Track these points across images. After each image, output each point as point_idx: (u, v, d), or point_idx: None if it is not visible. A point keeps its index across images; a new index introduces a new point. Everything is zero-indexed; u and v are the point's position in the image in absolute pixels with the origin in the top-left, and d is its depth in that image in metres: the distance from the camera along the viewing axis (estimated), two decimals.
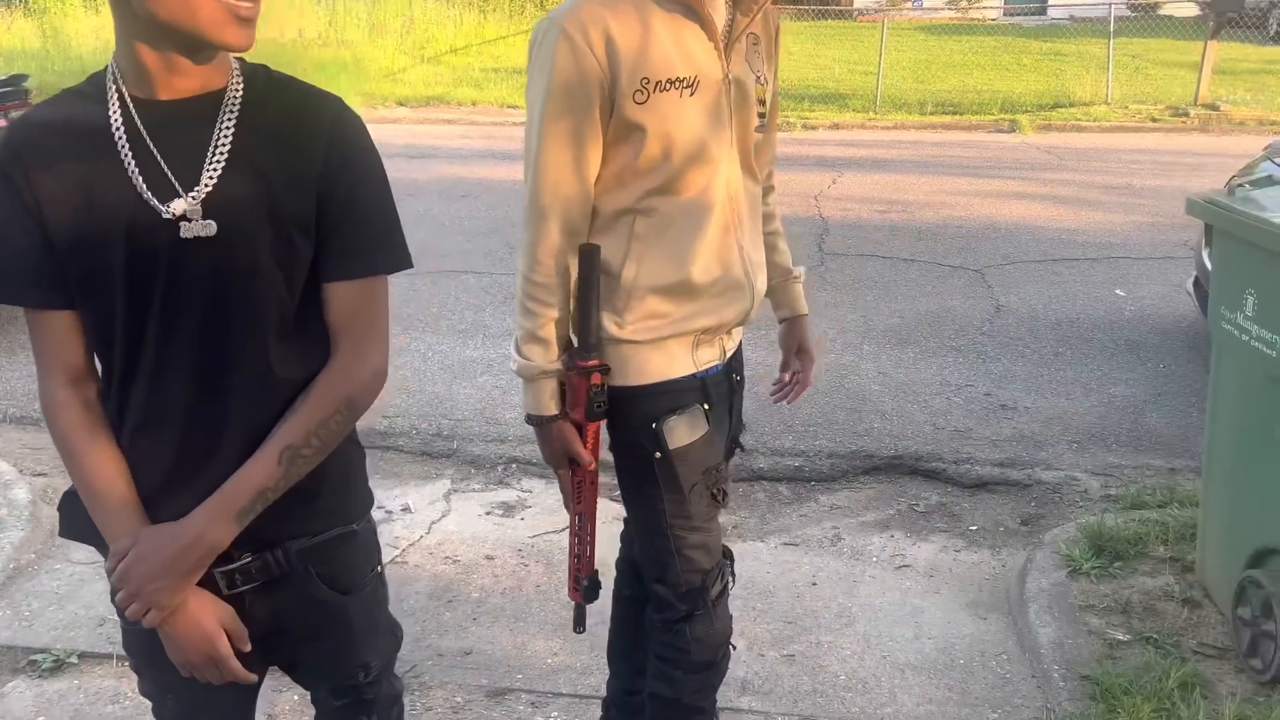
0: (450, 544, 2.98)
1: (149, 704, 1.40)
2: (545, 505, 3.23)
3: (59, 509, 1.26)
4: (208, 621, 1.16)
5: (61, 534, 1.27)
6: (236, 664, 1.19)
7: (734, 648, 1.72)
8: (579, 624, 1.77)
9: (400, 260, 1.22)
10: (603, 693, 2.28)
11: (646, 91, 1.42)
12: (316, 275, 1.17)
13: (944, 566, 2.89)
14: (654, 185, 1.49)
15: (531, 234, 1.52)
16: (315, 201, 1.14)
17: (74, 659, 2.41)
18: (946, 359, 4.40)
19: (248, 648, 1.20)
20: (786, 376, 1.89)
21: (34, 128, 1.11)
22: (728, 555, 1.67)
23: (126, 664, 2.39)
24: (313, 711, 1.45)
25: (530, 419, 1.60)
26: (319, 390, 1.18)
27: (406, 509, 3.18)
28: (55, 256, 1.10)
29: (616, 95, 1.42)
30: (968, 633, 2.58)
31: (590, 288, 1.53)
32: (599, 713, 2.17)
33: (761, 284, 1.64)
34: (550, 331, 1.54)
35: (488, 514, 3.19)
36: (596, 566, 1.72)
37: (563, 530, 3.06)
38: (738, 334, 1.70)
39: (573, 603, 1.76)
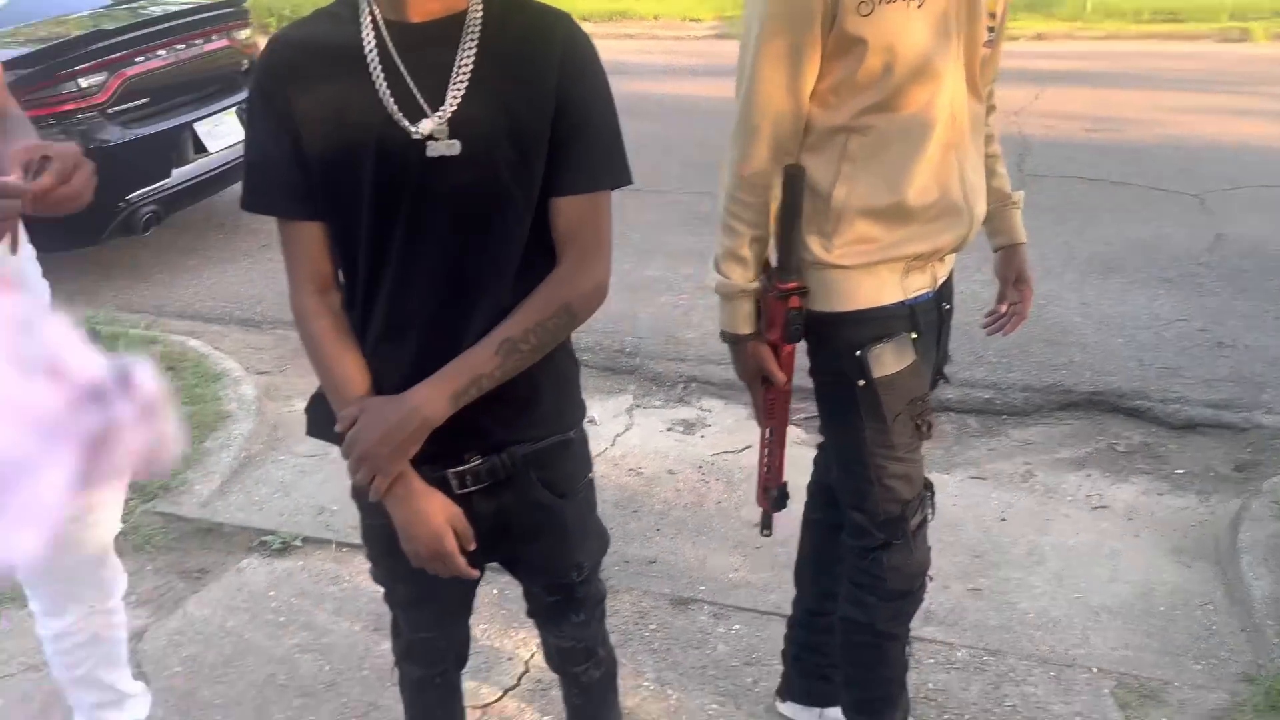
0: (633, 457, 3.06)
1: (371, 588, 1.52)
2: (725, 425, 3.26)
3: (306, 410, 1.37)
4: (438, 520, 1.25)
5: (309, 433, 1.37)
6: (461, 561, 1.27)
7: (930, 579, 1.70)
8: (766, 527, 1.82)
9: (623, 176, 1.24)
10: (784, 610, 2.32)
11: (872, 3, 1.37)
12: (545, 190, 1.21)
13: (1145, 510, 2.75)
14: (872, 102, 1.44)
15: (739, 151, 1.50)
16: (550, 119, 1.17)
17: (298, 542, 2.65)
18: (1157, 291, 4.11)
19: (473, 546, 1.28)
20: (1004, 308, 1.82)
21: (292, 47, 1.18)
22: (929, 487, 1.64)
23: (344, 550, 2.62)
24: (508, 606, 1.55)
25: (725, 336, 1.62)
26: (542, 293, 1.22)
27: (591, 421, 3.28)
28: (307, 171, 1.18)
29: (839, 8, 1.38)
30: (1169, 580, 2.46)
31: (793, 210, 1.51)
32: (780, 629, 2.21)
33: (981, 209, 1.58)
34: (750, 251, 1.53)
35: (668, 430, 3.25)
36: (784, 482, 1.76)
37: (742, 450, 3.09)
38: (950, 261, 1.64)
39: (760, 509, 1.81)
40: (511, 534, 1.36)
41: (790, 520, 1.88)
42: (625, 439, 3.18)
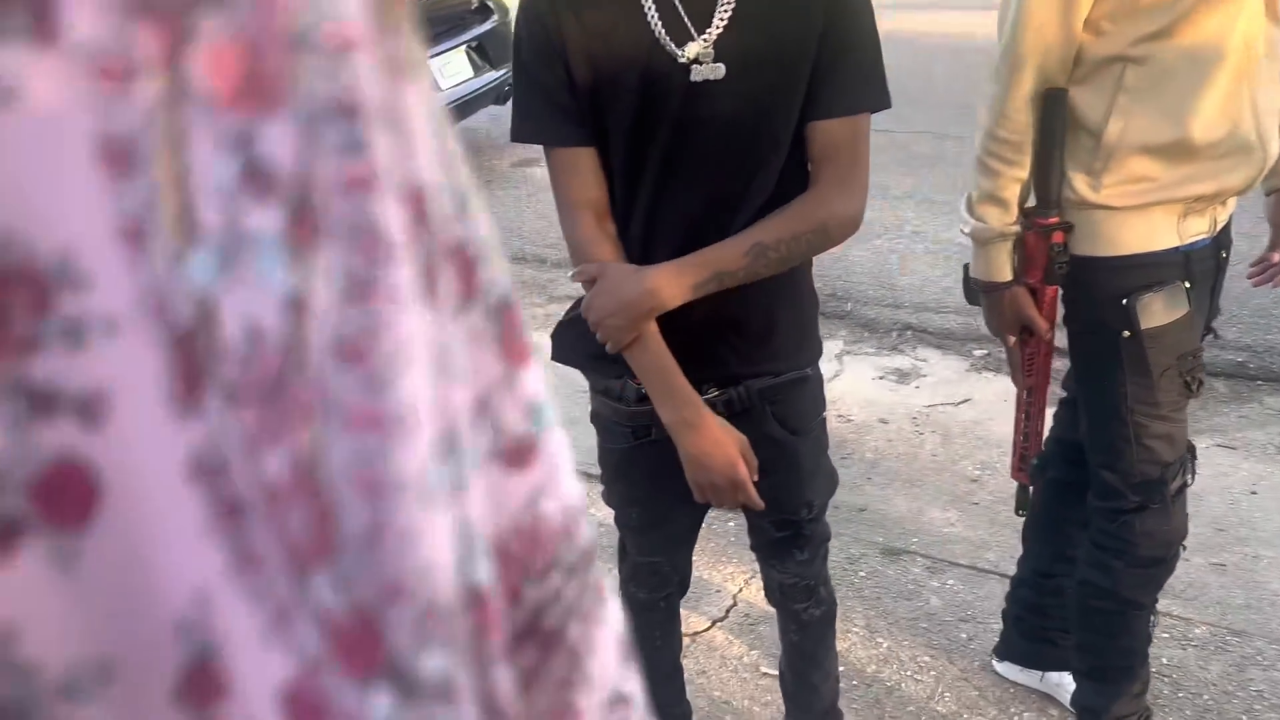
0: (843, 403, 3.01)
1: (602, 513, 1.57)
2: (941, 376, 3.14)
3: (552, 336, 1.41)
4: (731, 449, 1.25)
5: (553, 358, 1.42)
6: (752, 489, 1.28)
7: (1184, 549, 1.59)
8: (1021, 507, 1.72)
9: (883, 99, 1.21)
10: (1001, 569, 2.24)
11: None
12: (804, 114, 1.18)
13: None
14: (1155, 28, 1.32)
15: (1001, 85, 1.41)
16: (816, 42, 1.14)
17: None
18: None
19: (756, 478, 1.28)
20: (1275, 257, 1.65)
21: None
22: (1191, 451, 1.52)
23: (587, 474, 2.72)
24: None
25: (979, 284, 1.53)
26: (798, 207, 1.20)
27: None
28: (578, 96, 1.19)
29: None
30: None
31: (1053, 137, 1.41)
32: (997, 588, 2.14)
33: (1275, 147, 1.42)
34: (1011, 192, 1.45)
35: (880, 378, 3.17)
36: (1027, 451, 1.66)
37: (960, 404, 2.98)
38: (1232, 204, 1.49)
39: (1015, 483, 1.71)
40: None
41: (1010, 480, 1.80)
42: (834, 385, 3.12)
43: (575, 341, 1.35)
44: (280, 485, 0.22)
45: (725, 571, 2.31)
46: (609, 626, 0.31)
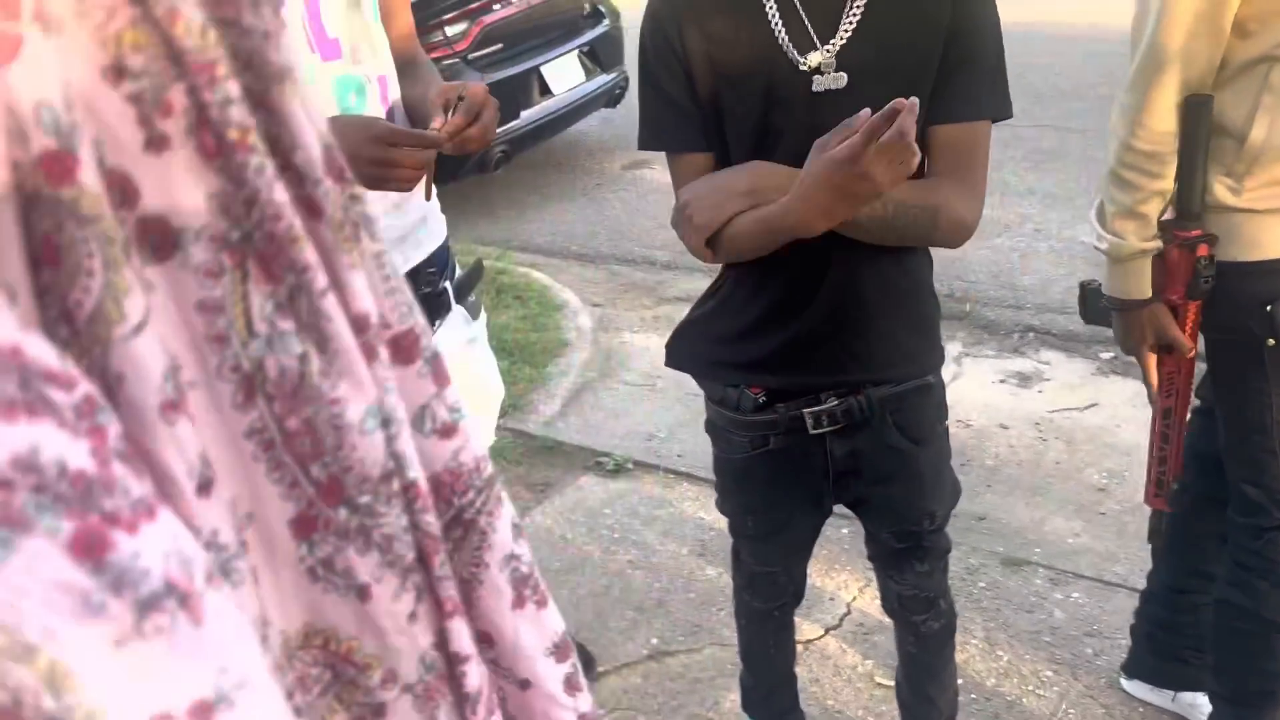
0: (961, 407, 2.94)
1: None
2: (1065, 380, 3.04)
3: (667, 345, 1.42)
4: (823, 165, 1.05)
5: (667, 364, 1.43)
6: (879, 132, 0.99)
7: None
8: (1155, 534, 1.65)
9: (1005, 108, 1.19)
10: (1130, 583, 2.15)
11: None
12: (926, 119, 1.17)
13: None
14: None
15: (1139, 94, 1.35)
16: (941, 48, 1.13)
17: (629, 465, 2.80)
18: None
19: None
20: None
21: None
22: None
23: (670, 476, 2.74)
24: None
25: (1114, 302, 1.47)
26: (921, 182, 1.17)
27: None
28: (699, 102, 1.20)
29: None
30: None
31: (1198, 147, 1.34)
32: (1125, 602, 2.06)
33: None
34: (1152, 207, 1.38)
35: (1001, 382, 3.08)
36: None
37: (1085, 409, 2.87)
38: None
39: (1149, 509, 1.64)
40: (864, 477, 1.35)
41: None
42: (952, 389, 2.99)
43: (691, 348, 1.36)
44: (294, 431, 0.43)
45: (839, 579, 2.29)
46: (505, 518, 0.53)
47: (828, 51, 1.13)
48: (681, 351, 1.39)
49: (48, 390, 0.31)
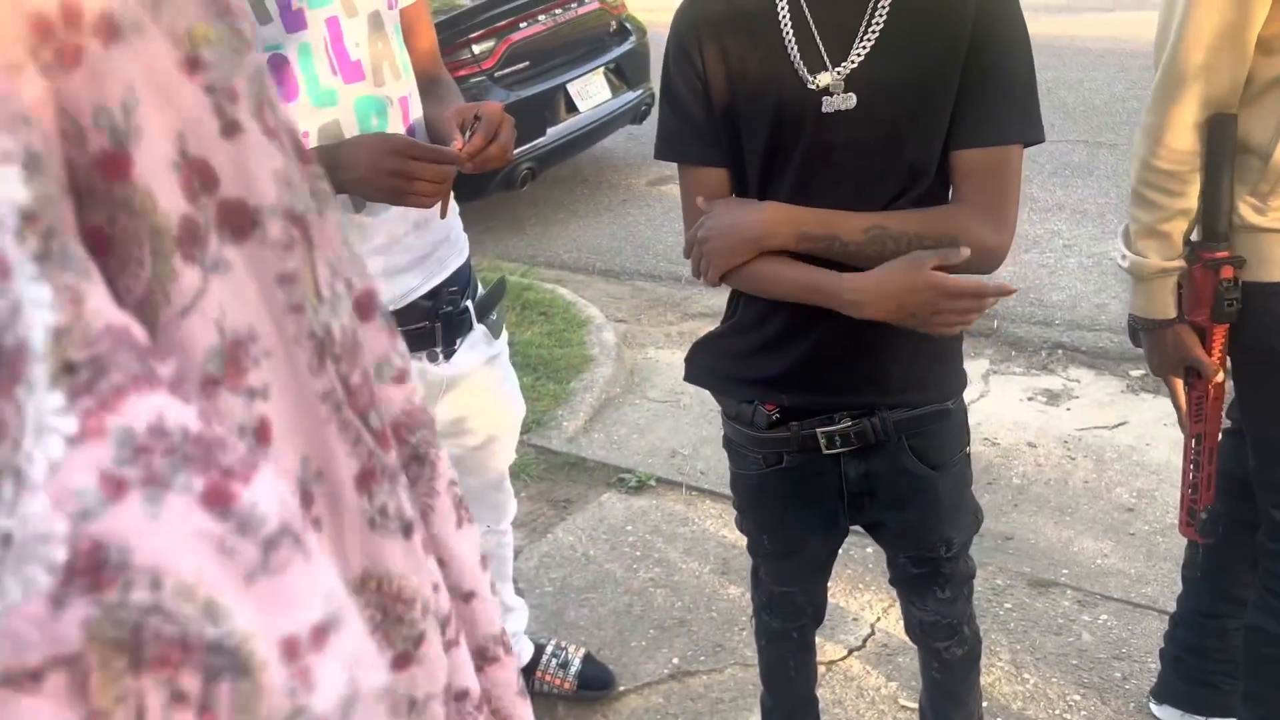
0: (989, 425, 2.91)
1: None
2: (1094, 398, 3.00)
3: (686, 359, 1.42)
4: (903, 278, 1.15)
5: (686, 379, 1.42)
6: (977, 285, 1.16)
7: None
8: (1190, 565, 1.62)
9: (1034, 132, 1.16)
10: (1160, 605, 2.12)
11: None
12: (948, 143, 1.16)
13: None
14: None
15: (1160, 113, 1.33)
16: (960, 68, 1.11)
17: (652, 482, 2.79)
18: None
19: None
20: None
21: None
22: None
23: (693, 493, 2.73)
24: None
25: (1139, 322, 1.45)
26: (939, 211, 1.17)
27: None
28: (714, 117, 1.21)
29: None
30: None
31: (1222, 167, 1.33)
32: (1155, 625, 2.02)
33: None
34: (1175, 225, 1.37)
35: (1029, 400, 3.05)
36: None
37: (1115, 427, 2.83)
38: None
39: (1184, 539, 1.61)
40: (879, 500, 1.34)
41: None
42: (980, 406, 3.02)
43: (708, 363, 1.36)
44: (355, 387, 0.47)
45: (863, 600, 2.27)
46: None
47: (838, 73, 1.13)
48: (699, 366, 1.38)
49: (154, 364, 0.35)
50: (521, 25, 4.60)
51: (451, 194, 1.40)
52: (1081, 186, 4.45)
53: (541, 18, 4.69)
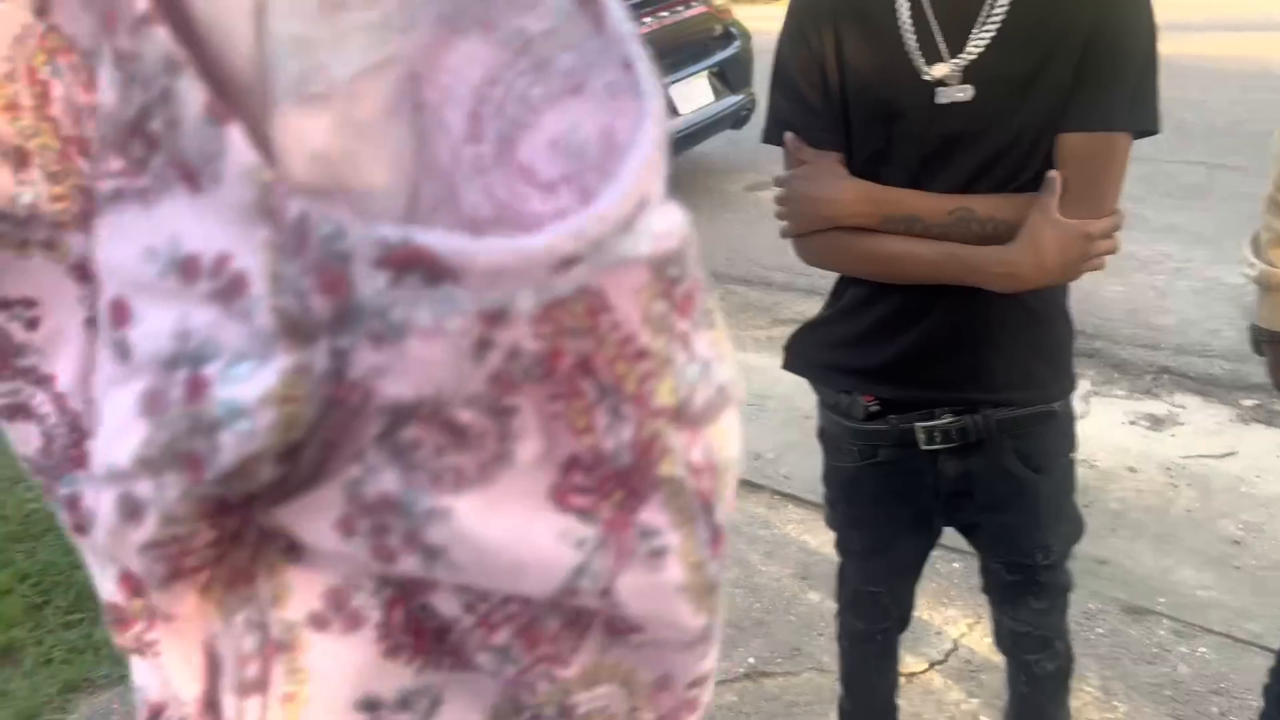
0: (1087, 447, 2.79)
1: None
2: (1201, 425, 2.88)
3: (785, 346, 1.40)
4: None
5: (784, 367, 1.40)
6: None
7: None
8: None
9: (1148, 121, 1.11)
10: (1264, 640, 2.03)
11: None
12: (1055, 127, 1.12)
13: None
14: None
15: None
16: (1078, 62, 1.08)
17: (736, 484, 2.77)
18: None
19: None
20: None
21: None
22: None
23: (776, 497, 2.70)
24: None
25: (1263, 334, 1.39)
26: (1029, 196, 1.12)
27: None
28: (830, 102, 1.19)
29: None
30: None
31: None
32: (1259, 661, 1.92)
33: None
34: None
35: (1131, 424, 2.94)
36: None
37: (1223, 456, 2.71)
38: None
39: None
40: (976, 501, 1.31)
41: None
42: (1079, 427, 2.91)
43: (807, 351, 1.34)
44: None
45: (947, 614, 2.21)
46: None
47: (955, 64, 1.11)
48: (798, 354, 1.37)
49: None
50: None
51: None
52: (1198, 209, 4.28)
53: (646, 20, 4.72)
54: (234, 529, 0.31)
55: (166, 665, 0.35)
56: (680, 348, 0.30)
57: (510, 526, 0.30)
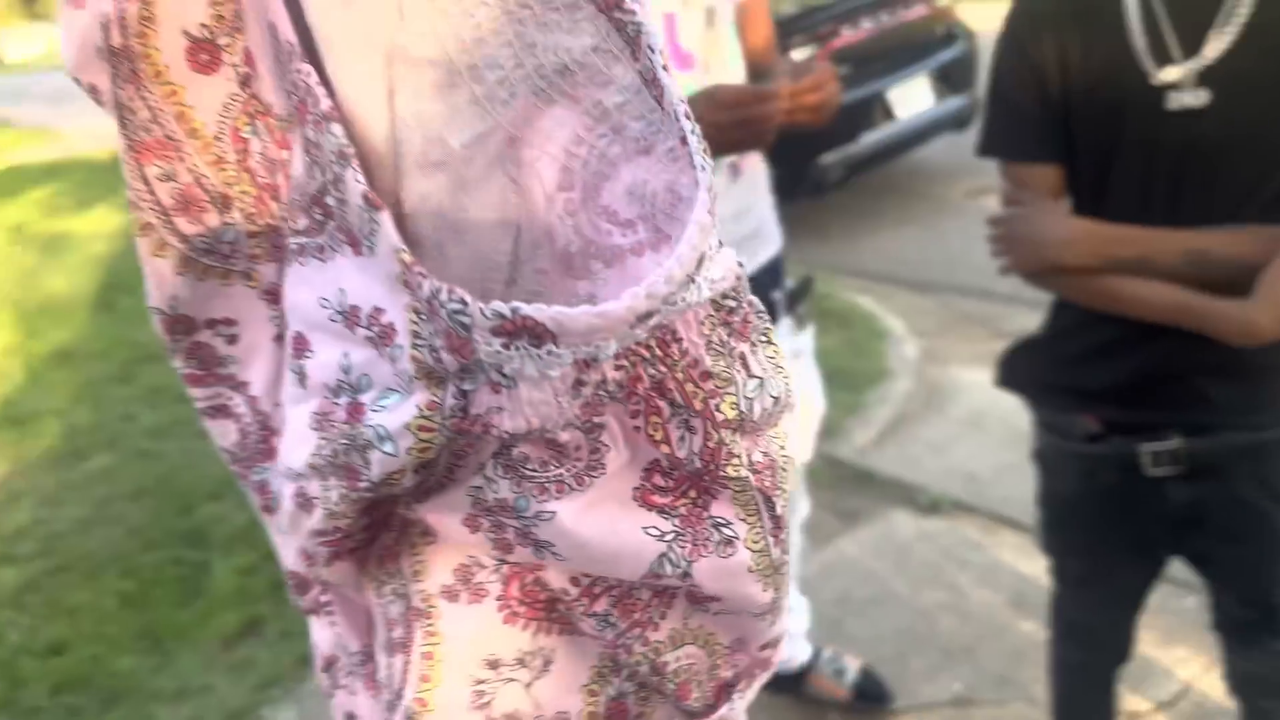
0: None
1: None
2: None
3: (1001, 361, 1.34)
4: None
5: (998, 384, 1.35)
6: None
7: None
8: None
9: None
10: None
11: None
12: None
13: None
14: None
15: None
16: None
17: (947, 504, 2.68)
18: None
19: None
20: None
21: None
22: None
23: (992, 521, 2.58)
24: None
25: None
26: (1271, 233, 1.02)
27: None
28: (1051, 111, 1.14)
29: None
30: None
31: None
32: None
33: None
34: None
35: None
36: None
37: None
38: None
39: None
40: (1205, 531, 1.20)
41: None
42: None
43: (1027, 368, 1.29)
44: None
45: (1177, 654, 2.04)
46: None
47: (1190, 67, 1.02)
48: (1014, 371, 1.31)
49: None
50: (844, 31, 4.57)
51: (764, 177, 1.42)
52: None
53: (866, 23, 4.63)
54: (382, 518, 0.38)
55: (338, 623, 0.43)
56: (740, 368, 0.36)
57: (603, 523, 0.36)
